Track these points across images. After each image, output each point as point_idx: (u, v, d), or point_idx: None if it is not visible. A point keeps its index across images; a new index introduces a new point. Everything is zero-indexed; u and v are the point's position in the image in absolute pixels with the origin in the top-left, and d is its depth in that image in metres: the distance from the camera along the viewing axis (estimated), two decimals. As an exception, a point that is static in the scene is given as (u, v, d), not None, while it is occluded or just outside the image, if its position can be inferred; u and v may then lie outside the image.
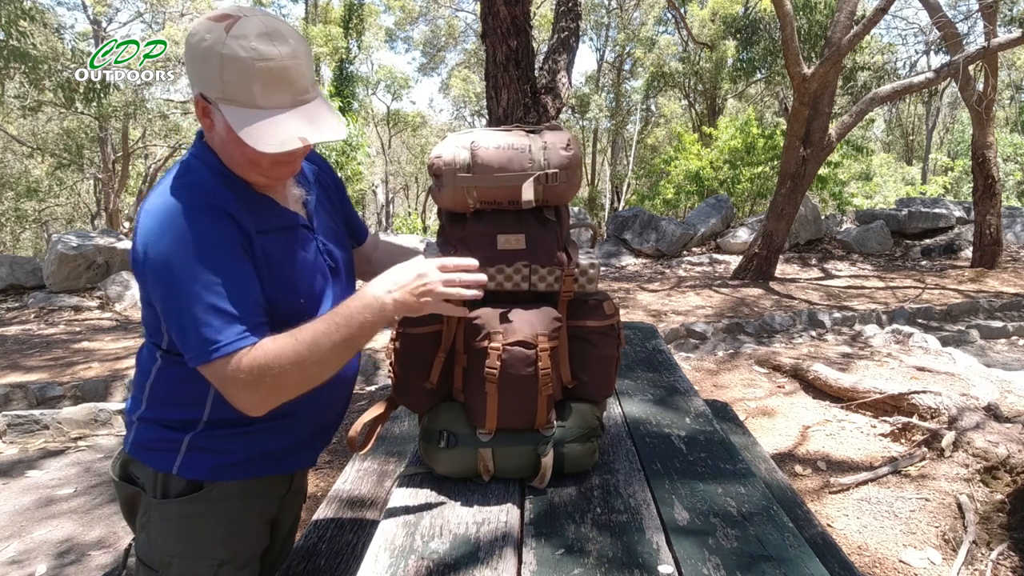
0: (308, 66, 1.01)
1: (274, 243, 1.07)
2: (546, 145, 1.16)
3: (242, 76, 0.95)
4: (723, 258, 9.08)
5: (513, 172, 1.13)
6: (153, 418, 1.11)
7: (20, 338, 5.61)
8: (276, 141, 0.96)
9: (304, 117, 1.00)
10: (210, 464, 1.09)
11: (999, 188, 8.00)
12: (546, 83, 4.14)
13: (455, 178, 1.14)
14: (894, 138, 26.57)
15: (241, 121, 0.96)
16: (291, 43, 0.97)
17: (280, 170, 1.06)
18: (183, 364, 1.04)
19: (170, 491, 1.09)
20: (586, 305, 1.23)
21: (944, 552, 2.24)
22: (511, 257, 1.16)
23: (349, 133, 10.13)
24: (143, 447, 1.11)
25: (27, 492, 2.94)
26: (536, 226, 1.17)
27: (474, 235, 1.17)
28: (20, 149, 17.80)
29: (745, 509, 1.11)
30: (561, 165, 1.15)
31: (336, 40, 17.09)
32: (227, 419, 1.08)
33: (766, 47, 14.29)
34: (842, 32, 6.85)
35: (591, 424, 1.22)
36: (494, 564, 0.97)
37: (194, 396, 1.08)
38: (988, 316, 6.12)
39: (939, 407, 3.14)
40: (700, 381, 4.24)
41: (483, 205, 1.16)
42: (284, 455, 1.17)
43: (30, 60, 10.28)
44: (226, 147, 1.02)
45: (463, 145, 1.15)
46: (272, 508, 1.20)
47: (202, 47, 0.95)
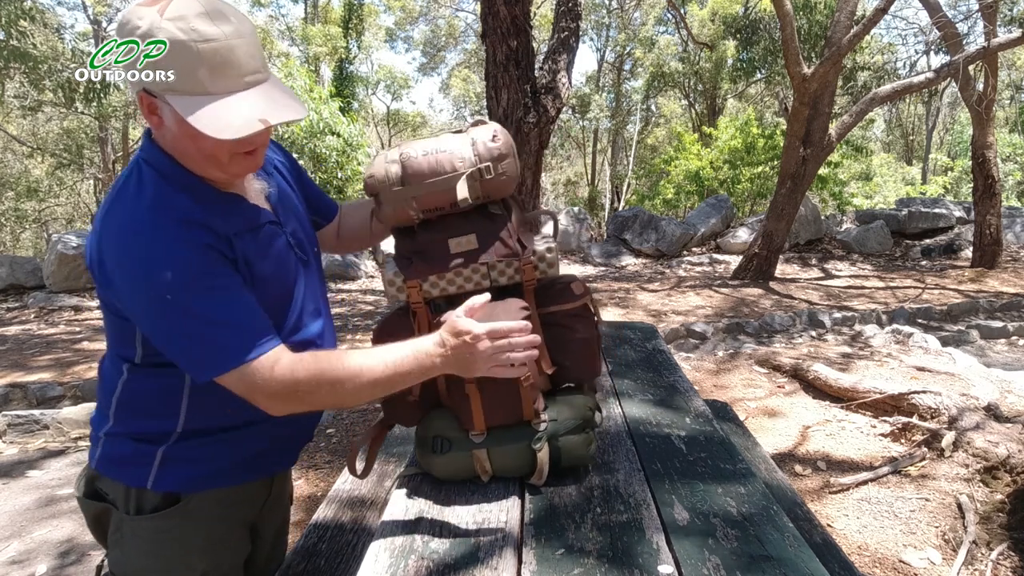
0: (256, 45, 0.93)
1: (249, 244, 1.02)
2: (473, 141, 1.16)
3: (186, 61, 0.87)
4: (723, 258, 9.08)
5: (445, 174, 1.13)
6: (122, 432, 1.05)
7: (20, 338, 5.61)
8: (234, 126, 0.88)
9: (260, 98, 0.92)
10: (186, 475, 1.05)
11: (999, 188, 8.00)
12: (546, 83, 4.14)
13: (391, 193, 1.14)
14: (894, 138, 26.57)
15: (192, 110, 0.88)
16: (233, 21, 0.89)
17: (242, 163, 0.98)
18: (155, 375, 1.01)
19: (144, 506, 1.04)
20: (553, 290, 1.24)
21: (944, 552, 2.24)
22: (467, 258, 1.16)
23: (349, 133, 10.11)
24: (113, 462, 1.06)
25: (27, 492, 2.94)
26: (485, 223, 1.18)
27: (426, 245, 1.17)
28: (20, 149, 17.80)
29: (745, 509, 1.11)
30: (491, 157, 1.14)
31: (336, 40, 17.09)
32: (202, 428, 1.05)
33: (766, 47, 14.29)
34: (842, 32, 6.85)
35: (584, 415, 1.22)
36: (494, 564, 0.97)
37: (167, 407, 1.03)
38: (988, 316, 6.12)
39: (939, 407, 3.14)
40: (700, 381, 4.24)
41: (426, 214, 1.16)
42: (261, 459, 1.14)
43: (30, 60, 10.28)
44: (179, 144, 0.94)
45: (392, 159, 1.15)
46: (251, 514, 1.17)
47: (137, 34, 0.86)
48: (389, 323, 1.22)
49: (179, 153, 0.96)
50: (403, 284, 1.16)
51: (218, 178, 1.00)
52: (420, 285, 1.16)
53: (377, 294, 7.57)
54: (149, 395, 1.03)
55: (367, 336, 5.52)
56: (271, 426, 1.11)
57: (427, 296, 1.17)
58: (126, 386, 1.04)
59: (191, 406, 1.03)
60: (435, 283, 1.16)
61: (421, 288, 1.16)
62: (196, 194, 0.97)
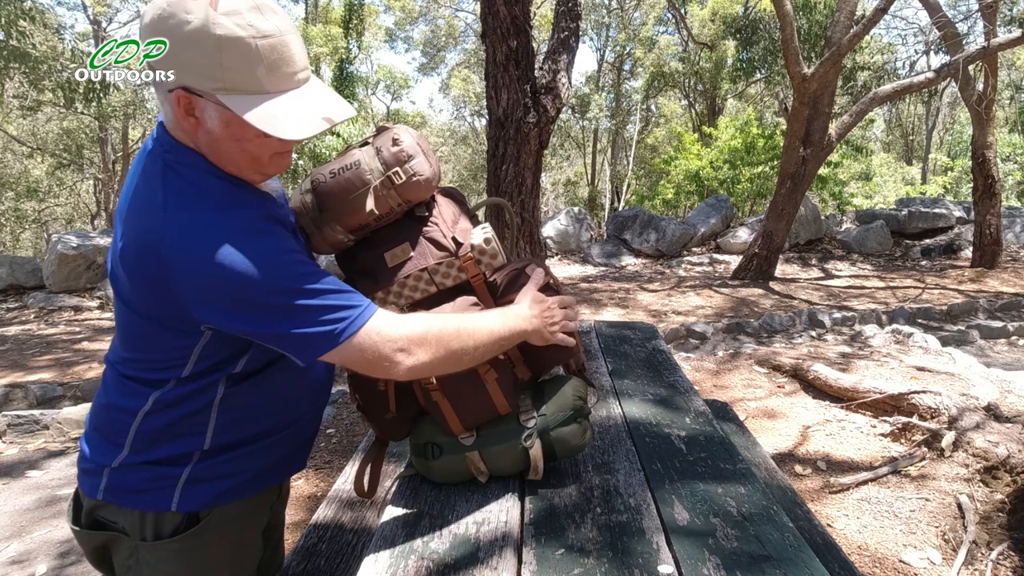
0: (301, 40, 0.91)
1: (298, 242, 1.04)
2: (378, 150, 1.13)
3: (245, 59, 0.83)
4: (723, 258, 9.08)
5: (357, 192, 1.10)
6: (141, 461, 0.99)
7: (20, 338, 5.61)
8: (298, 126, 0.86)
9: (314, 95, 0.90)
10: (211, 493, 1.02)
11: (999, 188, 8.00)
12: (546, 83, 4.14)
13: (311, 224, 1.13)
14: (894, 138, 26.57)
15: (249, 110, 0.84)
16: (280, 14, 0.87)
17: (278, 163, 0.97)
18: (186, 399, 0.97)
19: (164, 530, 1.00)
20: (508, 278, 1.21)
21: (944, 552, 2.24)
22: (404, 267, 1.14)
23: (349, 133, 10.14)
24: (126, 492, 0.99)
25: (28, 492, 2.94)
26: (414, 227, 1.16)
27: (366, 263, 1.16)
28: (20, 149, 17.80)
29: (745, 509, 1.11)
30: (398, 161, 1.12)
31: (336, 40, 17.09)
32: (228, 443, 1.02)
33: (766, 47, 14.29)
34: (842, 32, 6.85)
35: (573, 405, 1.20)
36: (494, 564, 0.97)
37: (196, 426, 0.99)
38: (988, 316, 6.12)
39: (939, 407, 3.14)
40: (700, 381, 4.24)
41: (355, 233, 1.14)
42: (279, 466, 1.14)
43: (30, 60, 10.29)
44: (220, 146, 0.90)
45: (306, 188, 1.14)
46: (266, 517, 1.18)
47: (186, 30, 0.81)
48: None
49: (216, 155, 0.92)
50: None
51: (253, 179, 0.98)
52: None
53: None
54: (180, 418, 0.98)
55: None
56: (293, 432, 1.11)
57: None
58: (150, 416, 0.98)
59: (219, 422, 1.00)
60: (383, 299, 1.14)
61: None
62: (252, 190, 0.97)
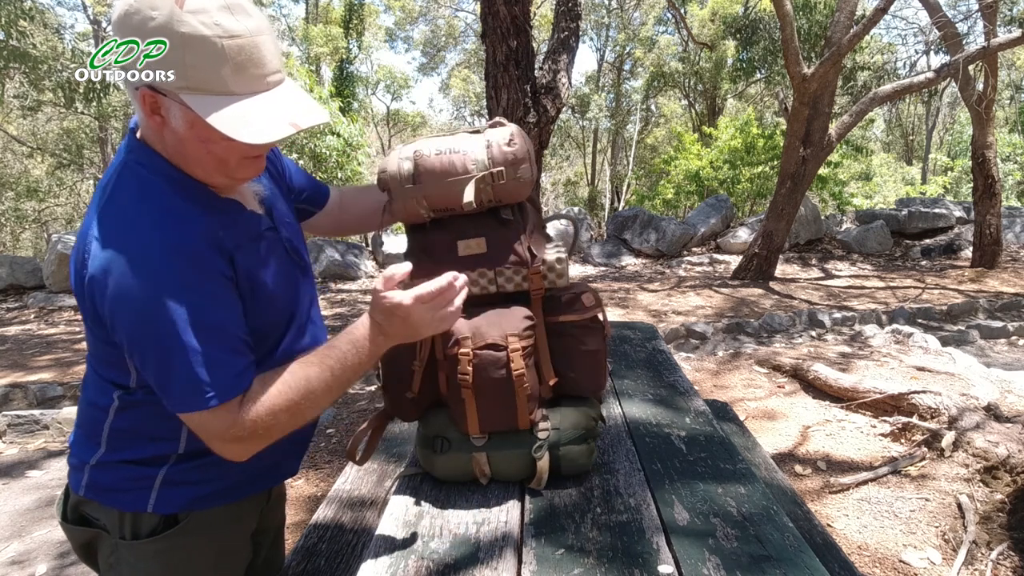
0: (276, 42, 0.88)
1: (251, 257, 0.96)
2: (489, 143, 1.12)
3: (209, 58, 0.80)
4: (723, 258, 9.08)
5: (457, 177, 1.10)
6: (118, 460, 0.98)
7: (20, 338, 5.61)
8: (263, 129, 0.83)
9: (284, 99, 0.87)
10: (188, 497, 1.00)
11: (999, 188, 8.01)
12: (546, 83, 4.14)
13: (402, 190, 1.12)
14: (894, 138, 26.57)
15: (212, 111, 0.81)
16: (254, 16, 0.84)
17: (248, 168, 0.93)
18: (150, 402, 0.93)
19: (141, 530, 0.99)
20: (564, 299, 1.21)
21: (944, 552, 2.24)
22: (474, 262, 1.14)
23: (350, 133, 10.11)
24: (104, 490, 0.99)
25: (28, 492, 2.94)
26: (496, 227, 1.15)
27: (435, 244, 1.15)
28: (20, 149, 17.80)
29: (745, 509, 1.11)
30: (505, 162, 1.11)
31: (336, 40, 17.09)
32: (202, 449, 0.96)
33: (766, 47, 14.29)
34: (842, 32, 6.85)
35: (587, 425, 1.21)
36: (494, 564, 0.97)
37: (168, 430, 0.97)
38: (988, 316, 6.12)
39: (939, 407, 3.14)
40: (700, 381, 4.24)
41: (437, 213, 1.14)
42: (263, 474, 1.11)
43: (30, 60, 10.30)
44: (185, 147, 0.87)
45: (406, 156, 1.13)
46: (254, 521, 1.15)
47: (150, 26, 0.79)
48: None
49: (182, 156, 0.89)
50: (407, 280, 1.15)
51: (220, 183, 0.94)
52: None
53: (377, 294, 7.56)
54: (148, 420, 0.96)
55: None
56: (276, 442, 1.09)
57: None
58: (120, 413, 0.97)
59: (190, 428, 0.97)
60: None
61: None
62: (197, 199, 0.91)
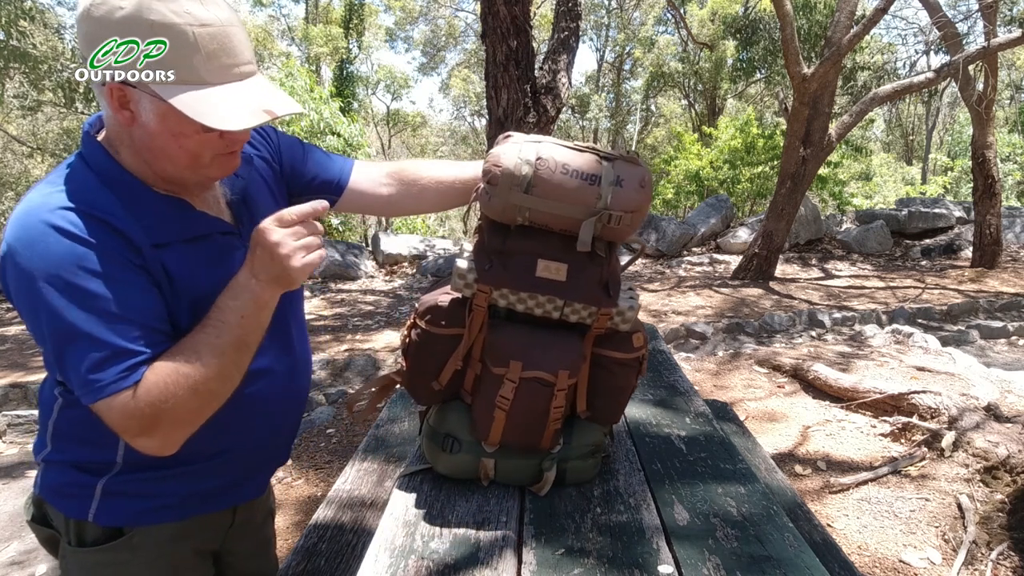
0: (246, 35, 0.87)
1: (177, 257, 0.90)
2: (619, 180, 1.03)
3: (180, 46, 0.79)
4: (723, 258, 9.08)
5: (575, 204, 1.02)
6: (61, 460, 0.97)
7: (20, 338, 5.61)
8: (236, 116, 0.81)
9: (257, 89, 0.85)
10: (131, 510, 0.96)
11: (999, 188, 8.01)
12: (546, 83, 4.14)
13: (509, 193, 1.02)
14: (894, 138, 26.57)
15: (184, 100, 0.79)
16: (224, 7, 0.83)
17: (222, 165, 0.91)
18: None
19: (86, 538, 0.96)
20: (616, 336, 1.15)
21: (944, 552, 2.24)
22: (547, 286, 1.06)
23: (350, 133, 10.12)
24: (53, 491, 0.98)
25: (27, 492, 2.94)
26: (582, 258, 1.07)
27: (514, 252, 1.07)
28: (20, 149, 17.79)
29: (745, 509, 1.11)
30: (630, 207, 1.03)
31: (336, 40, 17.11)
32: (147, 461, 0.92)
33: (766, 47, 14.29)
34: (842, 32, 6.85)
35: (596, 442, 1.20)
36: (494, 564, 0.97)
37: (103, 436, 0.90)
38: (988, 316, 6.12)
39: (939, 407, 3.14)
40: (700, 381, 4.24)
41: (532, 224, 1.06)
42: (222, 492, 1.05)
43: (30, 60, 10.30)
44: (155, 142, 0.85)
45: (527, 159, 1.02)
46: (213, 542, 1.08)
47: (117, 16, 0.78)
48: (447, 311, 1.12)
49: (151, 152, 0.86)
50: (473, 283, 1.07)
51: (189, 181, 0.91)
52: (491, 291, 1.07)
53: (377, 294, 7.57)
54: (82, 422, 0.92)
55: (368, 336, 5.51)
56: (231, 458, 1.03)
57: (492, 303, 1.09)
58: (61, 412, 0.95)
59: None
60: (505, 295, 1.08)
61: (490, 294, 1.08)
62: (125, 194, 0.87)
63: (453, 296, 1.13)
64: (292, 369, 1.10)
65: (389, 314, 6.45)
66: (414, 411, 2.33)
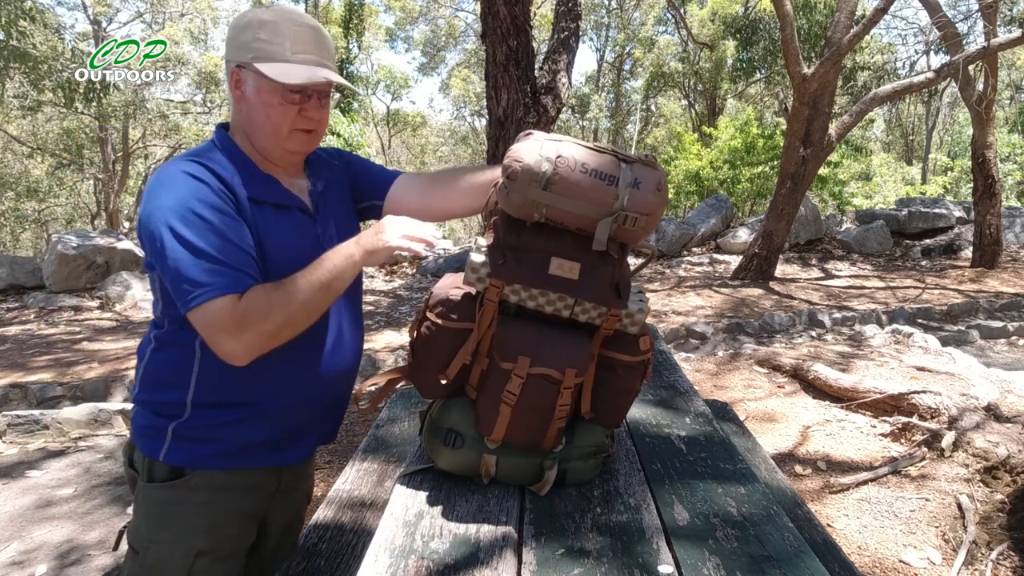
0: (331, 42, 1.14)
1: (266, 216, 1.10)
2: (636, 182, 1.05)
3: (275, 34, 1.08)
4: (723, 258, 9.08)
5: (593, 203, 1.04)
6: (145, 400, 1.14)
7: (20, 338, 5.60)
8: (300, 77, 1.06)
9: (324, 72, 1.10)
10: (193, 453, 1.11)
11: (999, 188, 8.01)
12: (546, 83, 4.14)
13: (528, 189, 1.04)
14: (894, 138, 26.57)
15: (271, 70, 1.06)
16: (316, 23, 1.13)
17: (299, 140, 1.13)
18: (173, 344, 1.11)
19: (155, 476, 1.12)
20: (622, 338, 1.16)
21: (944, 552, 2.24)
22: (559, 284, 1.08)
23: (350, 133, 10.13)
24: (138, 432, 1.15)
25: (27, 493, 2.94)
26: (595, 258, 1.08)
27: (528, 248, 1.09)
28: (20, 149, 17.80)
29: (745, 509, 1.11)
30: (646, 210, 1.05)
31: (336, 40, 17.09)
32: (207, 402, 1.11)
33: (766, 47, 14.29)
34: (842, 32, 6.85)
35: (598, 443, 1.21)
36: (494, 564, 0.97)
37: (180, 377, 1.10)
38: (988, 316, 6.12)
39: (939, 407, 3.14)
40: (700, 382, 4.24)
41: (548, 222, 1.08)
42: (270, 448, 1.16)
43: (30, 60, 10.30)
44: (253, 115, 1.11)
45: (548, 156, 1.04)
46: (258, 504, 1.18)
47: (243, 21, 1.10)
48: (458, 305, 1.14)
49: (251, 127, 1.12)
50: (486, 277, 1.09)
51: (275, 153, 1.14)
52: (503, 286, 1.08)
53: (377, 294, 7.57)
54: (166, 363, 1.12)
55: (368, 336, 5.51)
56: (282, 413, 1.16)
57: (503, 298, 1.10)
58: (151, 355, 1.14)
59: (199, 378, 1.10)
60: (517, 291, 1.09)
61: (502, 289, 1.09)
62: (237, 162, 1.11)
63: (465, 290, 1.14)
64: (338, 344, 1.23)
65: (389, 314, 6.45)
66: (414, 411, 2.33)
